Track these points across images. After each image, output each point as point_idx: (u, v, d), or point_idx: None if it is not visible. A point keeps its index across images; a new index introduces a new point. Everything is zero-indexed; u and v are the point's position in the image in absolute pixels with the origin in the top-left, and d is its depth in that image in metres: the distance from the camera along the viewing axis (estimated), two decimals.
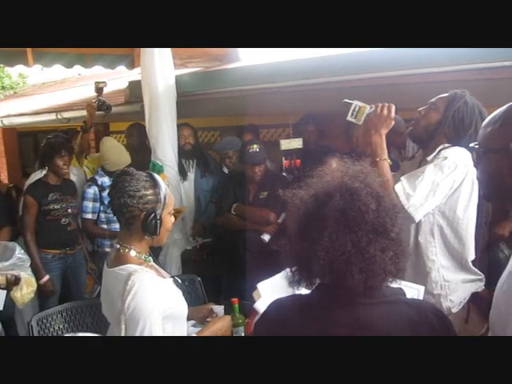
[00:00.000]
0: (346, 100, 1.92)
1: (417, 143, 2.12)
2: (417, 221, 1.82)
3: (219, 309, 2.09)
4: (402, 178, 1.85)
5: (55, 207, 3.20)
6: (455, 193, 1.85)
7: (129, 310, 1.46)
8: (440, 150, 1.89)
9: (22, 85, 8.79)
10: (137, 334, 1.45)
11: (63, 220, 3.24)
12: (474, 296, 1.94)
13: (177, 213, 3.38)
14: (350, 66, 2.85)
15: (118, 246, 1.61)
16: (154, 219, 1.56)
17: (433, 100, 1.98)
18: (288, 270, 1.14)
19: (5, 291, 2.10)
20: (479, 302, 1.91)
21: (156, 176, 1.64)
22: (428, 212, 1.86)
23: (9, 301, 2.57)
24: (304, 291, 1.17)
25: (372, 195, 1.05)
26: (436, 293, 1.92)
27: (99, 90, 3.76)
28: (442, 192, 1.81)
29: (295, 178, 3.28)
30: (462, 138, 1.88)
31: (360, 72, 2.81)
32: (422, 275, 1.92)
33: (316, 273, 1.05)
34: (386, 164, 1.84)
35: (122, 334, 1.47)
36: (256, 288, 1.87)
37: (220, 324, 1.81)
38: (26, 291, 1.89)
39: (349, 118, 1.91)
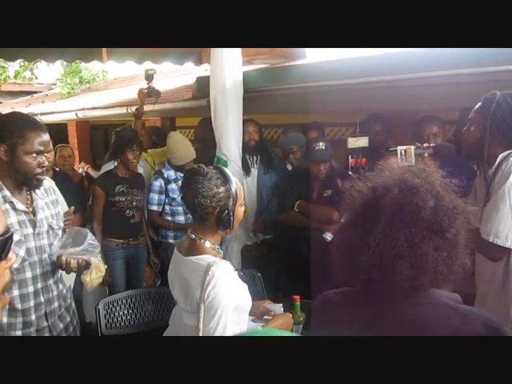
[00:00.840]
0: (390, 148, 1.99)
1: (476, 161, 2.08)
2: None
3: (277, 307, 2.09)
4: (481, 225, 1.79)
5: (120, 199, 3.32)
6: None
7: (208, 299, 1.54)
8: (500, 161, 1.82)
9: (102, 78, 9.21)
10: (213, 322, 1.54)
11: (127, 212, 3.35)
12: None
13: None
14: (420, 64, 2.75)
15: (194, 236, 1.68)
16: (228, 215, 1.62)
17: (470, 116, 1.94)
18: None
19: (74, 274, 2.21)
20: None
21: (226, 171, 1.68)
22: None
23: (77, 285, 2.71)
24: None
25: (431, 193, 1.03)
26: None
27: (149, 77, 3.89)
28: None
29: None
30: None
31: (429, 70, 2.71)
32: (507, 298, 1.84)
33: (365, 264, 1.03)
34: None
35: (200, 322, 1.55)
36: None
37: (281, 320, 1.85)
38: (94, 275, 1.99)
39: (400, 163, 1.96)
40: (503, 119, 1.81)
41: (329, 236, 2.88)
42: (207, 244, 1.67)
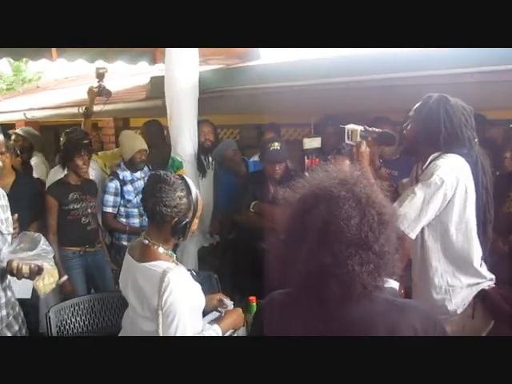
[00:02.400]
0: (341, 125, 2.08)
1: (411, 156, 2.18)
2: (413, 238, 1.88)
3: (230, 303, 2.12)
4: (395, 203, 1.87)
5: (75, 207, 3.21)
6: (450, 203, 1.86)
7: (166, 306, 1.57)
8: (431, 161, 1.92)
9: (37, 79, 8.89)
10: (172, 328, 1.57)
11: (83, 219, 3.25)
12: (480, 292, 1.94)
13: None
14: (374, 66, 2.82)
15: (147, 241, 1.69)
16: (185, 226, 1.66)
17: (409, 113, 2.03)
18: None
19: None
20: (484, 299, 1.93)
21: (190, 182, 1.71)
22: (430, 221, 1.90)
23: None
24: None
25: (356, 207, 1.03)
26: (440, 297, 1.94)
27: (100, 76, 3.82)
28: (433, 208, 1.85)
29: None
30: (443, 143, 1.89)
31: (383, 72, 2.78)
32: (426, 280, 1.97)
33: (296, 281, 1.05)
34: None
35: (160, 328, 1.58)
36: None
37: (235, 316, 1.90)
38: (47, 281, 1.93)
39: (347, 141, 2.06)
40: (429, 124, 1.89)
41: None
42: (160, 250, 1.69)
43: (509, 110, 3.02)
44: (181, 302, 1.58)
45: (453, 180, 1.83)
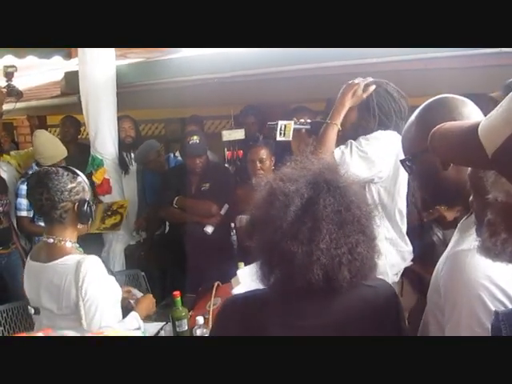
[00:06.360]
0: (269, 123, 1.91)
1: None
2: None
3: (137, 292, 2.15)
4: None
5: None
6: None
7: (86, 296, 1.57)
8: None
9: None
10: (96, 319, 1.57)
11: None
12: (407, 271, 2.03)
13: (120, 208, 3.31)
14: (291, 57, 2.88)
15: (52, 239, 1.67)
16: (88, 206, 1.68)
17: None
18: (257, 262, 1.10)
19: None
20: (411, 277, 2.06)
21: (70, 168, 1.75)
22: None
23: None
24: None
25: (352, 193, 1.06)
26: None
27: (8, 75, 3.61)
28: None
29: (237, 169, 3.30)
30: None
31: (300, 63, 2.85)
32: None
33: (315, 275, 1.01)
34: (331, 128, 1.83)
35: (83, 319, 1.57)
36: (235, 274, 1.88)
37: (147, 300, 1.92)
38: None
39: (278, 138, 1.88)
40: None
41: (209, 229, 2.91)
42: (68, 244, 1.68)
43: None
44: (101, 291, 1.60)
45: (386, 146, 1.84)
